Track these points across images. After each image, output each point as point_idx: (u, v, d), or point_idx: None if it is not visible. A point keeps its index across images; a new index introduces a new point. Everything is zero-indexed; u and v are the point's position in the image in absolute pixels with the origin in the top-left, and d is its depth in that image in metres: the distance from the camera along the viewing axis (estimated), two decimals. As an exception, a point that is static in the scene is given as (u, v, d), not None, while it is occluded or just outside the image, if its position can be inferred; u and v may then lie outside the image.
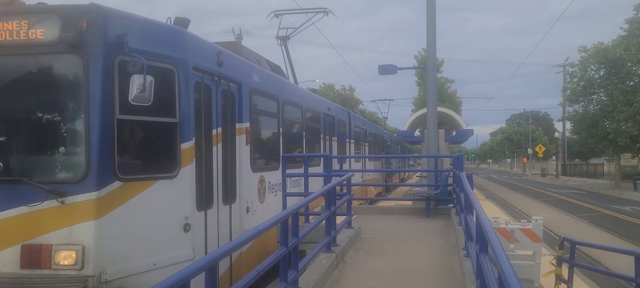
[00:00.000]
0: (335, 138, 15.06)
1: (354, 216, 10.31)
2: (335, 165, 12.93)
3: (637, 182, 36.00)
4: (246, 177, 8.00)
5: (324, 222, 7.66)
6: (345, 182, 9.25)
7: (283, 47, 14.73)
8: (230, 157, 7.56)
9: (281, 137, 10.09)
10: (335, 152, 14.65)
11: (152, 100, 5.37)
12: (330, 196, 7.93)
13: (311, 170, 11.00)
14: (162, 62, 5.98)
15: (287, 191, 10.07)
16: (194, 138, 6.38)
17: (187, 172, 6.22)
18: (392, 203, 17.25)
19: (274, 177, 9.47)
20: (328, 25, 26.90)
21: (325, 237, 7.52)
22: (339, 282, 6.80)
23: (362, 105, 63.98)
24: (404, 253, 8.37)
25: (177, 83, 6.14)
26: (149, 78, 5.28)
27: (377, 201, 18.92)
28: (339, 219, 8.82)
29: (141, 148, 6.10)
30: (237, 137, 7.79)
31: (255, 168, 8.49)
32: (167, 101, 6.05)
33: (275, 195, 9.55)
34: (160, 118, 6.01)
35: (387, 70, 19.77)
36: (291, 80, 13.65)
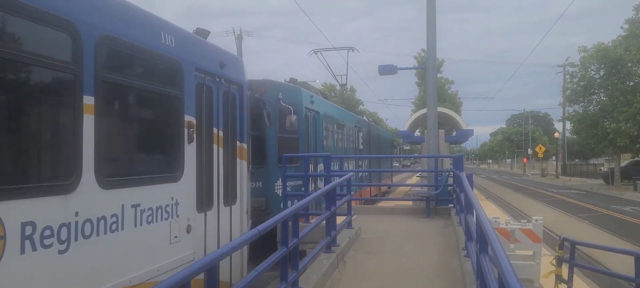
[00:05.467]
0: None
1: (354, 216, 10.31)
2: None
3: (637, 182, 35.99)
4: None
5: (324, 222, 7.67)
6: (345, 183, 9.26)
7: None
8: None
9: None
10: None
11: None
12: (330, 196, 7.94)
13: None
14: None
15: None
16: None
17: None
18: (392, 204, 17.26)
19: None
20: (328, 26, 26.67)
21: (326, 237, 7.53)
22: (339, 282, 6.81)
23: (363, 105, 63.77)
24: (404, 254, 8.37)
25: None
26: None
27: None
28: (339, 219, 8.82)
29: None
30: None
31: None
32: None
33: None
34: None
35: (387, 70, 19.78)
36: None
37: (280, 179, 11.04)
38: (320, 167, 12.91)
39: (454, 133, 30.53)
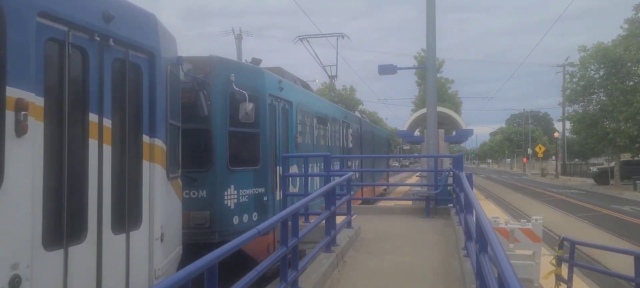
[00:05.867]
0: None
1: (354, 216, 10.31)
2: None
3: (637, 181, 36.00)
4: None
5: (323, 222, 7.67)
6: (345, 182, 9.26)
7: None
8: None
9: None
10: None
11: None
12: (330, 196, 7.95)
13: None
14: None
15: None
16: None
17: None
18: (391, 203, 17.26)
19: None
20: (328, 26, 26.46)
21: (325, 237, 7.53)
22: (339, 281, 6.81)
23: (363, 105, 63.67)
24: (404, 253, 8.37)
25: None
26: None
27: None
28: (339, 219, 8.82)
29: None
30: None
31: None
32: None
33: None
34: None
35: (386, 70, 19.77)
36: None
37: (232, 187, 8.88)
38: (294, 168, 11.39)
39: (454, 133, 30.56)
